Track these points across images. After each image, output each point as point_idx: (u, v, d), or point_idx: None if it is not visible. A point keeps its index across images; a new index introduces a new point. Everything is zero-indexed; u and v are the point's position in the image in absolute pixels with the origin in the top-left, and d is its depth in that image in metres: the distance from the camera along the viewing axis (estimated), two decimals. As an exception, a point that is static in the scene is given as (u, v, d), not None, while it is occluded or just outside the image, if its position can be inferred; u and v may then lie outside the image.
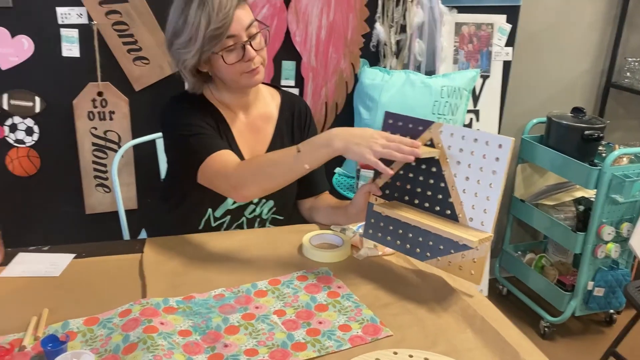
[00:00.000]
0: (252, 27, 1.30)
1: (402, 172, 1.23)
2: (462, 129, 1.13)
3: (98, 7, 1.88)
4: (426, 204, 1.19)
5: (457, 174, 1.14)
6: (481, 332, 1.04)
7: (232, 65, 1.30)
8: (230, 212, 1.44)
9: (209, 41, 1.26)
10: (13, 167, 1.96)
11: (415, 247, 1.20)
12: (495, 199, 1.10)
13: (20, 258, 1.24)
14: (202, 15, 1.24)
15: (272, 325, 1.03)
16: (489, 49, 2.37)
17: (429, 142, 1.17)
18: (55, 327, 1.00)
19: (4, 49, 1.86)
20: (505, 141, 1.08)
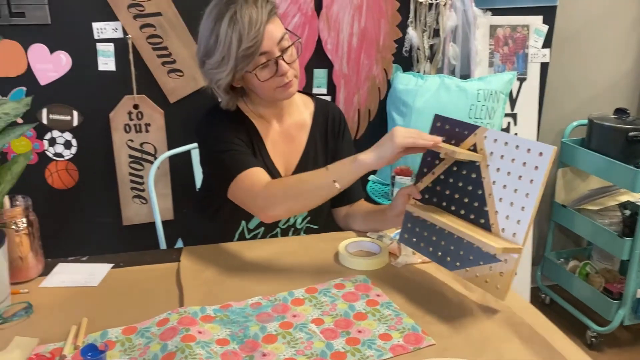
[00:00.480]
0: (284, 40, 1.28)
1: (442, 176, 1.20)
2: (506, 135, 1.11)
3: (133, 21, 1.91)
4: (462, 212, 1.16)
5: (495, 182, 1.11)
6: (529, 341, 1.00)
7: (266, 81, 1.29)
8: (264, 224, 1.43)
9: (241, 60, 1.24)
10: (52, 181, 2.00)
11: (446, 255, 1.16)
12: (530, 210, 1.05)
13: (60, 268, 1.25)
14: (234, 34, 1.22)
15: (310, 334, 1.01)
16: (525, 51, 2.32)
17: (472, 147, 1.15)
18: (94, 336, 1.00)
19: (43, 64, 1.90)
20: (546, 149, 1.04)
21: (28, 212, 1.18)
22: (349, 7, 2.06)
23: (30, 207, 1.19)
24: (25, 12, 1.82)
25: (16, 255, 1.16)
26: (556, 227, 2.73)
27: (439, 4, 2.13)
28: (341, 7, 2.05)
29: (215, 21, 1.24)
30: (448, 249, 1.16)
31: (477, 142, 1.14)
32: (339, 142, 1.50)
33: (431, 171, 1.23)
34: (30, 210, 1.19)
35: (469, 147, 1.15)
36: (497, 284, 1.07)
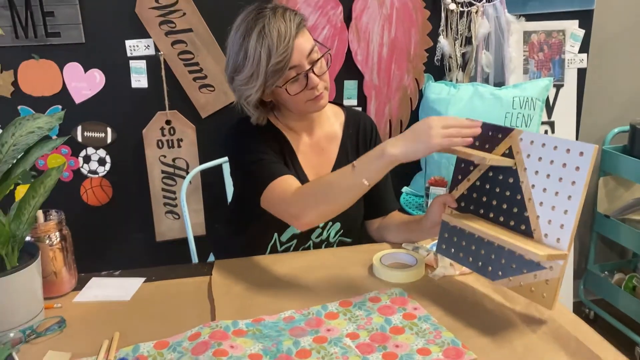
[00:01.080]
0: (314, 52, 1.26)
1: (478, 182, 1.16)
2: (542, 137, 1.06)
3: (164, 38, 1.93)
4: (501, 218, 1.11)
5: (535, 185, 1.06)
6: (577, 354, 0.94)
7: (296, 95, 1.27)
8: (297, 237, 1.40)
9: (271, 75, 1.22)
10: (87, 197, 2.02)
11: (487, 265, 1.11)
12: (574, 213, 1.00)
13: (93, 283, 1.25)
14: (262, 49, 1.20)
15: (345, 349, 0.97)
16: (562, 56, 2.25)
17: (507, 150, 1.10)
18: (126, 350, 0.99)
19: (77, 83, 1.93)
20: (587, 148, 0.99)
21: (62, 227, 1.19)
22: (378, 17, 2.04)
23: (63, 221, 1.20)
24: (60, 32, 1.87)
25: (50, 270, 1.16)
26: (599, 238, 2.63)
27: (471, 11, 2.10)
28: (371, 17, 2.04)
29: (244, 36, 1.23)
30: (489, 258, 1.11)
31: (513, 145, 1.09)
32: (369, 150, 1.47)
33: (466, 178, 1.18)
34: (63, 224, 1.19)
35: (504, 150, 1.11)
36: (543, 293, 1.02)
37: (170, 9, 1.91)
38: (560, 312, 1.06)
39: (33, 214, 1.04)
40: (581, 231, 2.66)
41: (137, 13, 1.89)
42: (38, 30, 1.85)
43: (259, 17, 1.23)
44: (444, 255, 1.21)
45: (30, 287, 1.06)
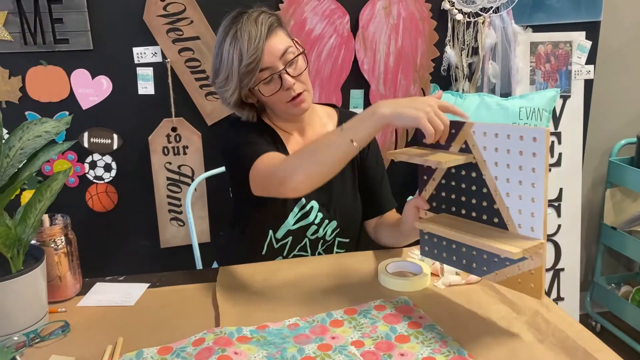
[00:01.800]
0: (288, 53, 1.27)
1: (443, 181, 1.13)
2: (493, 126, 1.01)
3: (171, 45, 1.94)
4: (473, 214, 1.09)
5: (497, 177, 1.03)
6: (585, 366, 0.93)
7: (273, 96, 1.29)
8: (292, 233, 1.41)
9: (244, 77, 1.25)
10: (93, 203, 2.02)
11: (472, 262, 1.10)
12: (541, 200, 0.97)
13: (97, 288, 1.25)
14: (234, 51, 1.23)
15: (350, 357, 0.96)
16: (568, 67, 2.25)
17: (464, 144, 1.06)
18: (130, 356, 0.98)
19: (85, 89, 1.94)
20: (538, 133, 0.95)
21: (67, 231, 1.19)
22: (385, 27, 2.05)
23: (69, 225, 1.20)
24: (69, 39, 1.88)
25: (55, 274, 1.16)
26: (605, 250, 2.61)
27: (477, 21, 2.10)
28: (377, 27, 2.04)
29: (220, 41, 1.27)
30: (471, 255, 1.10)
31: (467, 139, 1.05)
32: (364, 150, 1.47)
33: (431, 177, 1.15)
34: (69, 229, 1.19)
35: (460, 145, 1.06)
36: (530, 283, 1.01)
37: (178, 16, 1.92)
38: (567, 323, 1.05)
39: (39, 218, 1.04)
40: (587, 243, 2.64)
41: (144, 20, 1.90)
42: (46, 36, 1.86)
43: (234, 21, 1.26)
44: (429, 257, 1.19)
45: (35, 291, 1.05)
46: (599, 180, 2.57)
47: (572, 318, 1.08)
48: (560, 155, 2.31)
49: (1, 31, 1.83)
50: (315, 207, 1.40)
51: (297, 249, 1.43)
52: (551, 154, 2.31)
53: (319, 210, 1.40)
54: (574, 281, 2.45)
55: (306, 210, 1.39)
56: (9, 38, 1.84)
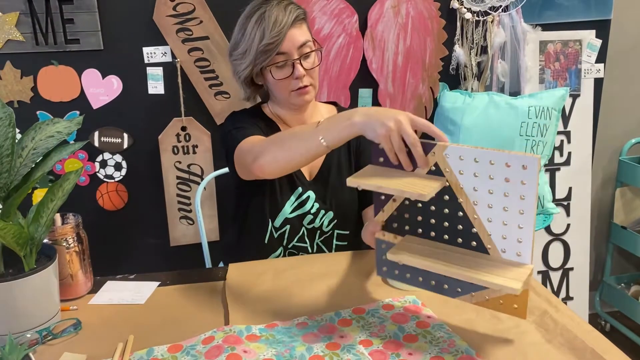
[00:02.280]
0: (306, 46, 1.34)
1: (407, 202, 1.03)
2: (473, 151, 0.93)
3: (181, 45, 1.95)
4: (445, 236, 1.01)
5: (477, 202, 0.95)
6: (593, 366, 0.93)
7: (281, 82, 1.35)
8: (289, 222, 1.44)
9: (260, 55, 1.31)
10: (103, 202, 2.04)
11: (443, 282, 1.02)
12: (530, 226, 0.92)
13: (108, 286, 1.26)
14: (258, 30, 1.30)
15: (358, 356, 0.97)
16: (578, 66, 2.24)
17: (433, 167, 0.97)
18: (140, 353, 0.99)
19: (95, 89, 1.96)
20: (530, 161, 0.88)
21: (78, 230, 1.20)
22: (394, 26, 2.05)
23: (80, 224, 1.21)
24: (79, 39, 1.89)
25: (66, 272, 1.18)
26: (615, 249, 2.60)
27: (486, 20, 2.10)
28: (386, 26, 2.05)
29: (246, 18, 1.34)
30: (442, 277, 1.00)
31: (439, 162, 0.96)
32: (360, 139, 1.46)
33: (391, 198, 1.04)
34: (80, 227, 1.21)
35: (429, 167, 0.97)
36: (513, 304, 0.98)
37: (187, 16, 1.93)
38: (575, 323, 1.05)
39: (51, 217, 1.06)
40: (597, 243, 2.63)
41: (154, 21, 1.92)
42: (58, 37, 1.88)
43: (263, 4, 1.33)
44: (387, 277, 1.11)
45: (47, 289, 1.07)
46: (608, 180, 2.56)
47: (581, 318, 1.08)
48: (569, 155, 2.31)
49: (13, 31, 1.85)
50: (311, 197, 1.44)
51: (295, 239, 1.46)
52: (560, 152, 2.30)
53: (315, 200, 1.44)
54: (583, 281, 2.45)
55: (303, 199, 1.43)
56: (20, 38, 1.86)
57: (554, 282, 2.41)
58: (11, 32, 1.85)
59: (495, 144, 2.01)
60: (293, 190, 1.43)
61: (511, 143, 2.01)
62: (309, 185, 1.45)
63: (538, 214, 2.13)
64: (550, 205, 2.12)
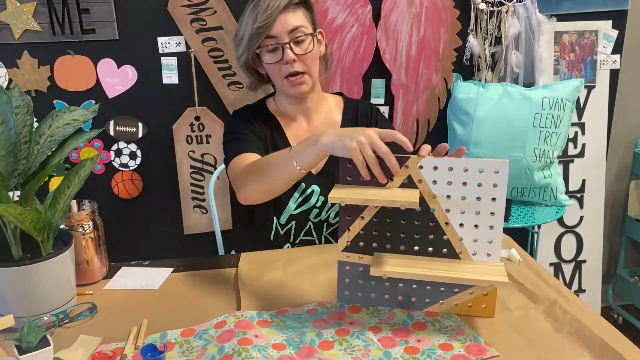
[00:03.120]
0: (297, 31, 1.35)
1: (376, 219, 1.05)
2: (447, 161, 0.99)
3: (195, 35, 1.96)
4: (415, 248, 1.05)
5: (449, 209, 1.02)
6: (602, 355, 0.94)
7: (273, 67, 1.37)
8: (294, 218, 1.45)
9: (252, 38, 1.34)
10: (118, 190, 2.07)
11: (410, 296, 1.08)
12: (499, 226, 1.00)
13: (123, 272, 1.28)
14: (252, 14, 1.35)
15: (367, 342, 0.98)
16: (594, 57, 2.22)
17: (406, 180, 1.01)
18: (154, 337, 1.02)
19: (111, 78, 1.98)
20: (502, 165, 0.97)
21: (94, 216, 1.22)
22: (407, 16, 2.04)
23: (96, 211, 1.23)
24: (95, 29, 1.91)
25: (82, 258, 1.20)
26: (629, 242, 2.58)
27: (501, 11, 2.08)
28: (400, 16, 2.04)
29: (246, 7, 1.39)
30: (410, 290, 1.07)
31: (412, 174, 1.01)
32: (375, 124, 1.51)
33: (359, 216, 1.05)
34: (96, 214, 1.23)
35: (402, 181, 1.01)
36: (482, 304, 1.03)
37: (202, 7, 1.94)
38: (585, 313, 1.05)
39: (68, 203, 1.08)
40: (610, 235, 2.61)
41: (169, 11, 1.93)
42: (74, 27, 1.90)
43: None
44: (348, 302, 1.11)
45: (64, 274, 1.09)
46: (623, 172, 2.54)
47: (591, 308, 1.08)
48: (583, 146, 2.29)
49: (31, 22, 1.87)
50: (316, 191, 1.44)
51: (302, 234, 1.47)
52: (574, 144, 2.29)
53: (320, 193, 1.44)
54: (595, 273, 2.44)
55: (307, 194, 1.44)
56: (38, 28, 1.88)
57: (566, 274, 2.41)
58: (28, 22, 1.87)
59: (509, 135, 2.00)
60: (296, 187, 1.42)
61: (524, 134, 2.00)
62: (314, 179, 1.45)
63: (551, 205, 2.12)
64: (563, 197, 2.11)
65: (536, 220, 2.03)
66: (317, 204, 1.45)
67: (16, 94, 1.09)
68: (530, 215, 2.06)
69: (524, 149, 2.00)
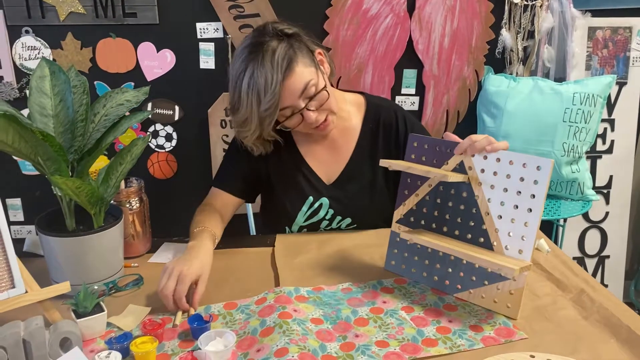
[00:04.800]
0: (309, 88, 1.25)
1: (428, 197, 1.16)
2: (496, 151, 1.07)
3: (233, 22, 2.01)
4: (456, 232, 1.12)
5: (491, 199, 1.07)
6: (628, 342, 0.97)
7: (298, 127, 1.32)
8: (305, 227, 1.44)
9: (265, 119, 1.24)
10: (154, 170, 2.14)
11: (444, 279, 1.13)
12: (535, 225, 1.02)
13: (165, 247, 1.35)
14: (253, 95, 1.22)
15: (401, 320, 1.03)
16: (626, 54, 2.22)
17: (458, 165, 1.11)
18: (199, 309, 1.07)
19: (150, 61, 2.04)
20: (544, 163, 1.00)
21: (141, 193, 1.29)
22: (441, 8, 2.07)
23: (142, 188, 1.30)
24: (137, 13, 1.97)
25: (129, 232, 1.27)
26: (654, 240, 2.58)
27: (535, 5, 2.09)
28: (434, 8, 2.06)
29: (237, 76, 1.25)
30: (445, 272, 1.13)
31: (465, 160, 1.10)
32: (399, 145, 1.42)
33: (414, 193, 1.18)
34: (142, 191, 1.30)
35: (454, 165, 1.11)
36: (507, 303, 1.05)
37: (240, -6, 1.99)
38: (612, 302, 1.09)
39: (120, 179, 1.14)
40: (635, 232, 2.61)
41: (208, -3, 1.98)
42: (116, 10, 1.96)
43: (250, 58, 1.23)
44: (394, 271, 1.21)
45: (113, 246, 1.16)
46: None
47: (617, 298, 1.11)
48: (612, 143, 2.30)
49: (75, 4, 1.94)
50: (325, 204, 1.41)
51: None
52: (603, 140, 2.29)
53: (330, 206, 1.42)
54: (619, 269, 2.45)
55: (315, 208, 1.42)
56: (82, 11, 1.95)
57: (589, 269, 2.43)
58: (73, 4, 1.94)
59: (538, 129, 2.02)
60: (304, 200, 1.41)
61: (554, 129, 2.02)
62: (326, 190, 1.42)
63: (577, 200, 2.14)
64: (589, 192, 2.12)
65: (562, 214, 2.06)
66: (327, 217, 1.42)
67: (72, 74, 1.15)
68: (557, 209, 2.08)
69: (552, 143, 2.02)
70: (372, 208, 1.42)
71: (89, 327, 0.98)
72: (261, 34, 1.27)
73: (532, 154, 1.03)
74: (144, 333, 0.97)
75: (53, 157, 1.03)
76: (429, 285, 1.16)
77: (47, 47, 1.98)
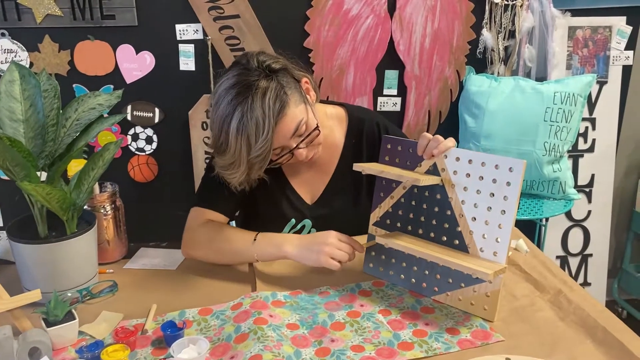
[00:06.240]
0: (300, 128, 1.18)
1: (403, 199, 1.16)
2: (469, 153, 1.07)
3: (212, 23, 2.00)
4: (432, 234, 1.12)
5: (465, 201, 1.07)
6: (603, 343, 0.97)
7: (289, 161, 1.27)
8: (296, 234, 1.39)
9: (254, 164, 1.15)
10: (134, 174, 2.12)
11: (421, 281, 1.13)
12: (509, 227, 1.02)
13: (142, 252, 1.33)
14: (242, 139, 1.12)
15: (377, 324, 1.02)
16: (607, 53, 2.23)
17: (431, 167, 1.11)
18: (173, 315, 1.06)
19: (129, 64, 2.02)
20: (516, 164, 1.00)
21: (115, 198, 1.27)
22: (422, 8, 2.06)
23: (117, 193, 1.28)
24: (115, 15, 1.95)
25: (103, 238, 1.25)
26: (635, 238, 2.60)
27: (515, 4, 2.10)
28: (415, 8, 2.06)
29: (224, 118, 1.14)
30: (422, 275, 1.13)
31: (437, 162, 1.10)
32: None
33: (389, 195, 1.18)
34: (117, 196, 1.28)
35: (427, 167, 1.11)
36: (484, 305, 1.05)
37: (220, -5, 1.97)
38: (589, 303, 1.09)
39: (92, 184, 1.12)
40: (617, 230, 2.63)
41: (187, -2, 1.96)
42: (94, 12, 1.94)
43: (238, 100, 1.13)
44: (373, 274, 1.21)
45: (87, 252, 1.14)
46: (632, 168, 2.55)
47: (595, 299, 1.11)
48: (593, 141, 2.31)
49: (52, 6, 1.91)
50: (307, 225, 1.38)
51: None
52: (584, 139, 2.30)
53: (313, 226, 1.38)
54: (602, 267, 2.46)
55: (297, 230, 1.38)
56: (59, 13, 1.92)
57: (572, 267, 2.44)
58: (50, 7, 1.91)
59: (519, 128, 2.02)
60: (286, 222, 1.37)
61: (535, 128, 2.02)
62: (308, 210, 1.37)
63: (559, 199, 2.14)
64: (571, 191, 2.13)
65: (544, 213, 2.06)
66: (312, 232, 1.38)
67: (44, 78, 1.13)
68: (539, 208, 2.08)
69: (534, 142, 2.02)
70: (355, 221, 1.35)
71: (59, 335, 0.96)
72: (246, 70, 1.16)
73: (513, 154, 1.04)
74: (116, 341, 0.96)
75: (22, 163, 1.01)
76: (406, 287, 1.16)
77: (24, 50, 1.95)
